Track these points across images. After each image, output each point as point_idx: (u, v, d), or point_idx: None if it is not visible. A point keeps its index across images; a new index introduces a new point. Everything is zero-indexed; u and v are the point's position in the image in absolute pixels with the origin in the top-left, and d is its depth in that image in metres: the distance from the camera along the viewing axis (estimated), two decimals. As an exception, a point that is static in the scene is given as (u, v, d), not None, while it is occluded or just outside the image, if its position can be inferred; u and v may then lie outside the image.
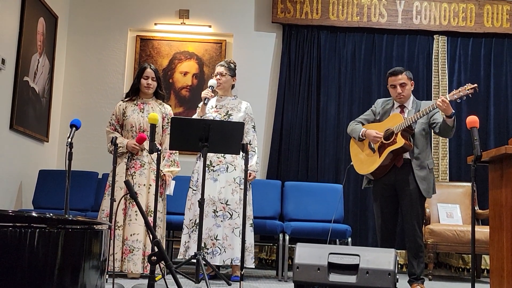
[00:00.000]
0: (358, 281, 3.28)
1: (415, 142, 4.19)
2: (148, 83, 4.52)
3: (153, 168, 4.37)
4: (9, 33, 4.96)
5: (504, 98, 6.14)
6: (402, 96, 4.27)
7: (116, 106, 4.60)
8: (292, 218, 5.31)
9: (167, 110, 4.61)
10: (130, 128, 4.48)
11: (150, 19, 6.30)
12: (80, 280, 2.11)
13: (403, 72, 4.28)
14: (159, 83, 4.60)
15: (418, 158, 4.18)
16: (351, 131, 4.45)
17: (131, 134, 4.48)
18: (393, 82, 4.28)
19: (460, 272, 5.89)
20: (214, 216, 4.39)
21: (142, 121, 4.46)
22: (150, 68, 4.54)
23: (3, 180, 4.99)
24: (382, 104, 4.44)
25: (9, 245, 1.93)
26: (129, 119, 4.48)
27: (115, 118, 4.55)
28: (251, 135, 4.64)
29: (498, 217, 3.46)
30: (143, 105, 4.54)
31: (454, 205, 5.65)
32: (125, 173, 4.38)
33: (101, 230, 2.29)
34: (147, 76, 4.52)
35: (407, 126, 4.13)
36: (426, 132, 4.25)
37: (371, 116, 4.46)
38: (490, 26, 6.19)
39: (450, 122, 4.01)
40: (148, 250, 4.29)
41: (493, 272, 3.50)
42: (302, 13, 6.20)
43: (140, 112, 4.50)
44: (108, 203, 4.24)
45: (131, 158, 4.41)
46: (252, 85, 6.14)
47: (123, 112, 4.52)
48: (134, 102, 4.56)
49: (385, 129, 4.23)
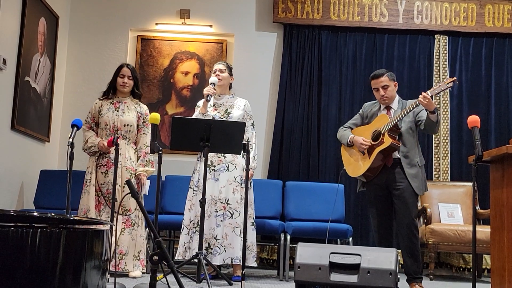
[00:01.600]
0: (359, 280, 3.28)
1: (402, 141, 4.22)
2: (124, 81, 4.54)
3: (128, 167, 4.39)
4: (10, 33, 4.97)
5: (505, 98, 6.14)
6: (385, 98, 4.32)
7: (93, 104, 4.62)
8: (293, 217, 5.31)
9: (143, 110, 4.62)
10: (104, 126, 4.49)
11: (151, 19, 6.30)
12: (82, 280, 2.12)
13: (384, 74, 4.32)
14: (136, 82, 4.62)
15: (407, 156, 4.21)
16: (340, 137, 4.52)
17: (105, 132, 4.49)
18: (375, 85, 4.34)
19: (461, 272, 5.89)
20: (216, 216, 4.39)
21: (116, 119, 4.47)
22: (127, 67, 4.58)
23: (4, 180, 4.99)
24: (369, 107, 4.50)
25: (11, 245, 1.93)
26: (104, 117, 4.49)
27: (91, 116, 4.56)
28: (250, 132, 4.65)
29: (499, 217, 3.46)
30: (119, 104, 4.55)
31: (455, 205, 5.65)
32: (96, 170, 4.41)
33: (103, 230, 2.29)
34: (123, 74, 4.55)
35: (393, 125, 4.17)
36: (413, 130, 4.29)
37: (359, 120, 4.52)
38: (491, 26, 6.19)
39: (433, 117, 4.04)
40: (121, 248, 4.30)
41: (494, 272, 3.50)
42: (303, 13, 6.20)
43: (115, 111, 4.51)
44: (85, 201, 4.33)
45: (103, 156, 4.43)
46: (253, 85, 6.14)
47: (99, 110, 4.54)
48: (110, 100, 4.57)
49: (372, 130, 4.28)
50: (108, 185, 4.36)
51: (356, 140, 4.31)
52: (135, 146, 4.54)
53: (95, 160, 4.44)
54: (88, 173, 4.43)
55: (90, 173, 4.40)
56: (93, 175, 4.39)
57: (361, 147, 4.26)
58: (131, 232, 4.35)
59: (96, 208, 4.33)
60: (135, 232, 4.37)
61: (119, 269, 4.29)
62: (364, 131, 4.36)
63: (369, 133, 4.29)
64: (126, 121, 4.47)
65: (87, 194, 4.35)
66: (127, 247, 4.32)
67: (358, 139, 4.30)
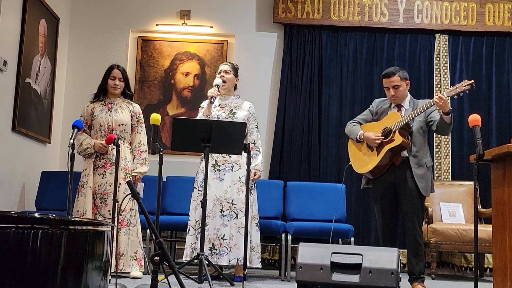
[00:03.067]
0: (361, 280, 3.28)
1: (412, 140, 4.20)
2: (115, 83, 4.56)
3: (123, 167, 4.38)
4: (11, 35, 4.97)
5: (506, 97, 6.13)
6: (395, 98, 4.28)
7: (84, 107, 4.63)
8: (294, 218, 5.31)
9: (136, 109, 4.63)
10: (98, 128, 4.49)
11: (152, 20, 6.30)
12: (83, 281, 2.11)
13: (395, 73, 4.26)
14: (127, 83, 4.63)
15: (416, 156, 4.19)
16: (349, 132, 4.46)
17: (100, 134, 4.48)
18: (386, 84, 4.29)
19: (463, 271, 5.89)
20: (221, 215, 4.38)
21: (111, 120, 4.48)
22: (117, 69, 4.59)
23: (5, 182, 4.99)
24: (380, 103, 4.45)
25: (12, 246, 1.93)
26: (98, 119, 4.49)
27: (83, 119, 4.56)
28: (255, 134, 4.64)
29: (501, 216, 3.45)
30: (111, 105, 4.56)
31: (457, 204, 5.64)
32: (93, 172, 4.40)
33: (104, 231, 2.29)
34: (114, 76, 4.56)
35: (405, 124, 4.13)
36: (423, 130, 4.26)
37: (369, 116, 4.47)
38: (491, 24, 6.18)
39: (447, 119, 4.01)
40: (120, 249, 4.29)
41: (496, 270, 3.50)
42: (303, 13, 6.20)
43: (108, 112, 4.52)
44: (82, 204, 4.30)
45: (101, 157, 4.42)
46: (253, 85, 6.14)
47: (91, 112, 4.54)
48: (102, 102, 4.58)
49: (382, 127, 4.24)
50: (106, 186, 4.35)
51: (368, 135, 4.26)
52: (130, 146, 4.54)
53: (93, 162, 4.43)
54: (85, 175, 4.40)
55: (87, 175, 4.38)
56: (90, 177, 4.37)
57: (374, 142, 4.21)
58: (127, 232, 4.35)
59: (92, 211, 4.33)
60: (131, 232, 4.36)
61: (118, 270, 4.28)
62: (373, 127, 4.32)
63: (379, 130, 4.25)
64: (121, 121, 4.48)
65: (83, 197, 4.33)
66: (124, 247, 4.32)
67: (369, 135, 4.25)
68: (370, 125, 4.38)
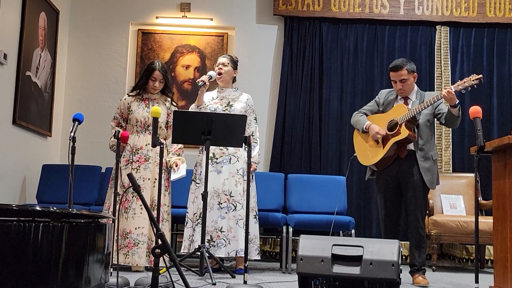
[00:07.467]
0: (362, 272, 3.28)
1: (419, 133, 4.17)
2: (155, 85, 4.51)
3: (157, 162, 4.37)
4: (11, 28, 4.96)
5: (507, 88, 6.12)
6: (403, 91, 4.25)
7: (121, 100, 4.60)
8: (295, 210, 5.31)
9: (172, 107, 4.59)
10: (135, 123, 4.48)
11: (152, 12, 6.28)
12: (85, 273, 2.12)
13: (403, 67, 4.20)
14: (167, 83, 4.57)
15: (422, 149, 4.16)
16: (355, 122, 4.43)
17: (136, 129, 4.48)
18: (394, 78, 4.25)
19: (464, 263, 5.90)
20: (219, 208, 4.39)
21: (147, 116, 4.46)
22: (158, 71, 4.48)
23: (6, 175, 5.00)
24: (386, 95, 4.41)
25: (14, 239, 1.93)
26: (134, 114, 4.48)
27: (119, 112, 4.55)
28: (253, 126, 4.64)
29: (502, 208, 3.46)
30: (149, 101, 4.54)
31: (458, 196, 5.64)
32: (129, 167, 4.39)
33: (105, 223, 2.30)
34: (155, 78, 4.50)
35: (411, 117, 4.11)
36: (430, 123, 4.23)
37: (374, 107, 4.44)
38: (492, 16, 6.16)
39: (455, 111, 3.99)
40: (153, 244, 4.29)
41: (497, 262, 3.50)
42: (303, 5, 6.18)
43: (146, 107, 4.50)
44: (110, 195, 4.27)
45: (136, 152, 4.42)
46: (254, 78, 6.13)
47: (128, 106, 4.52)
48: (140, 97, 4.56)
49: (389, 120, 4.21)
50: (139, 181, 4.32)
51: (373, 128, 4.23)
52: (165, 141, 4.50)
53: (128, 157, 4.41)
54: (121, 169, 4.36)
55: (124, 170, 4.34)
56: (127, 171, 4.33)
57: (376, 136, 4.21)
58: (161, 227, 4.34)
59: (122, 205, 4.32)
60: (163, 228, 4.32)
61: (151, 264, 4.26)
62: (379, 119, 4.29)
63: (385, 122, 4.22)
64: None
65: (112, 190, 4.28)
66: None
67: (374, 128, 4.22)
68: (376, 116, 4.35)
